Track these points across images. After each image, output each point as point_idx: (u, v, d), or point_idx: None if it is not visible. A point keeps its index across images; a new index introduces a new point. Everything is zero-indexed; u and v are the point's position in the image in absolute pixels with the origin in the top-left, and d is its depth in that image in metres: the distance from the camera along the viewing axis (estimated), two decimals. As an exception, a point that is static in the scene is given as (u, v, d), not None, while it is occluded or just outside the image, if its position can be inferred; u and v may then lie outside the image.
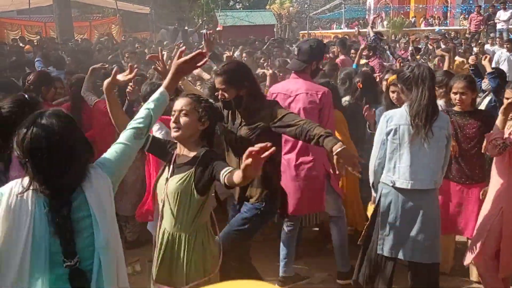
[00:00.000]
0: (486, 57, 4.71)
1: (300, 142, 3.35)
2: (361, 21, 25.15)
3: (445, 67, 5.39)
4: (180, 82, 2.92)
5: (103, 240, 1.70)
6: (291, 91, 3.44)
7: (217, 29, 18.92)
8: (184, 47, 2.40)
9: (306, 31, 21.77)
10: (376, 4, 26.75)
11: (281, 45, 10.82)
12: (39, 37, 13.38)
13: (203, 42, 4.73)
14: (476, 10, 15.81)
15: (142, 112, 2.03)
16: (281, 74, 5.39)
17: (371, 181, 3.19)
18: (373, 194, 3.27)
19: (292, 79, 3.59)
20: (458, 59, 8.59)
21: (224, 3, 26.82)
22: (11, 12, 17.88)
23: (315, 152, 3.42)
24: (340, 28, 23.44)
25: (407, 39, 14.08)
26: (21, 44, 11.86)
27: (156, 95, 2.09)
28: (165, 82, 2.16)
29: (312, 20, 28.03)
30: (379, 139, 3.10)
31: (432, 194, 3.06)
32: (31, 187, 1.65)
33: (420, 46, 13.92)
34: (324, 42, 14.66)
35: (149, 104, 2.06)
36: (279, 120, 2.76)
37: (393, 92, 3.78)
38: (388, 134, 3.03)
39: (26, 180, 1.67)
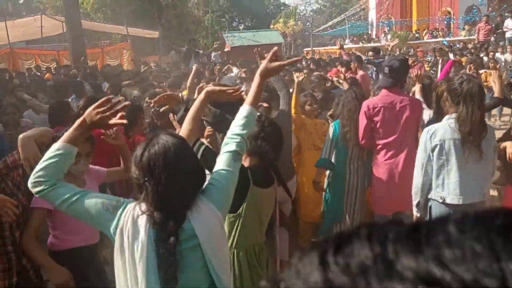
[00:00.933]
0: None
1: (405, 150, 3.76)
2: (365, 36, 25.42)
3: (497, 91, 4.00)
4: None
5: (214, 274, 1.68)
6: (394, 104, 3.81)
7: (225, 49, 19.20)
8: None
9: (310, 48, 22.03)
10: (378, 19, 27.09)
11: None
12: (55, 65, 13.57)
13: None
14: (484, 19, 15.96)
15: (234, 133, 1.90)
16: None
17: (415, 200, 3.13)
18: (415, 213, 3.20)
19: (385, 94, 3.88)
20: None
21: (228, 24, 27.24)
22: (20, 43, 18.19)
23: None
24: (345, 44, 23.69)
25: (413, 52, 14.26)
26: (37, 73, 12.08)
27: (243, 114, 1.95)
28: (250, 98, 2.00)
29: (316, 37, 28.36)
30: (423, 156, 3.04)
31: (482, 206, 3.06)
32: (147, 212, 1.64)
33: (428, 59, 14.10)
34: (331, 58, 14.94)
35: (239, 123, 1.92)
36: None
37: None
38: (433, 150, 2.99)
39: (143, 205, 1.67)
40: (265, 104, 3.61)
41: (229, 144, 1.89)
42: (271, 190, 2.48)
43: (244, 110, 1.97)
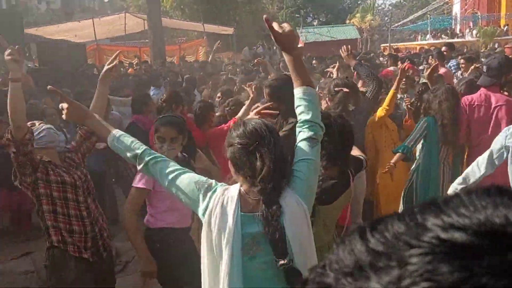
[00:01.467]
0: None
1: None
2: (448, 31, 24.01)
3: None
4: None
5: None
6: (490, 103, 3.78)
7: (299, 45, 19.04)
8: None
9: (387, 44, 21.19)
10: (463, 13, 25.47)
11: (370, 58, 10.57)
12: (137, 60, 14.29)
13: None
14: None
15: (301, 120, 1.80)
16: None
17: (460, 186, 2.96)
18: None
19: (483, 92, 3.86)
20: None
21: (302, 20, 26.98)
22: (105, 40, 19.31)
23: None
24: (425, 39, 22.52)
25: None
26: (121, 68, 12.79)
27: (300, 98, 1.81)
28: (299, 80, 1.83)
29: (394, 32, 27.26)
30: (495, 151, 2.90)
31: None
32: (242, 190, 1.69)
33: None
34: (411, 53, 14.23)
35: (301, 109, 1.80)
36: None
37: None
38: (508, 150, 2.87)
39: (234, 188, 1.71)
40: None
41: (301, 131, 1.81)
42: (338, 202, 2.38)
43: (298, 93, 1.82)
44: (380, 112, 4.16)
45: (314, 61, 11.12)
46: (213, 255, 1.66)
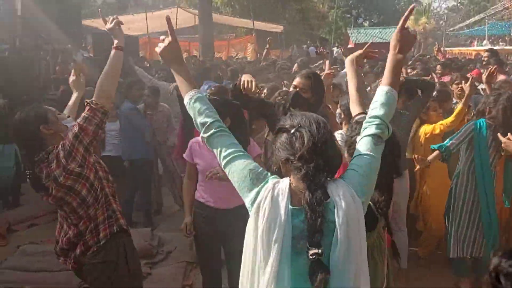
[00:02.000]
0: None
1: None
2: (506, 37, 22.88)
3: None
4: None
5: (340, 257, 1.53)
6: None
7: (348, 46, 18.71)
8: None
9: (441, 48, 20.41)
10: (525, 18, 24.20)
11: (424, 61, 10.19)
12: (186, 55, 14.53)
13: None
14: None
15: (371, 115, 1.75)
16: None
17: None
18: None
19: None
20: None
21: (353, 21, 26.50)
22: (156, 33, 19.72)
23: None
24: (482, 45, 21.55)
25: None
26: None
27: (380, 94, 1.80)
28: (389, 79, 1.85)
29: (449, 37, 26.27)
30: None
31: None
32: (292, 184, 1.61)
33: None
34: (466, 59, 13.63)
35: (377, 105, 1.77)
36: None
37: None
38: None
39: (285, 181, 1.62)
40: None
41: (368, 127, 1.74)
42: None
43: (380, 90, 1.83)
44: (443, 126, 4.02)
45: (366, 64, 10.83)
46: (257, 250, 1.58)
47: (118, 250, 2.48)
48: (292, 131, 1.63)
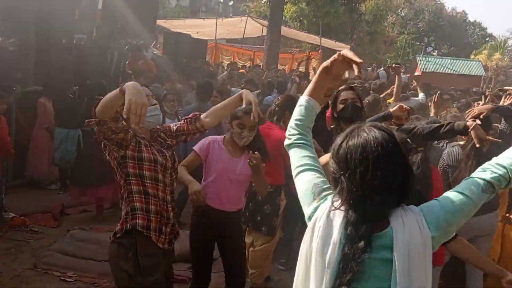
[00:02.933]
0: None
1: None
2: None
3: None
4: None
5: None
6: None
7: (415, 73, 18.13)
8: None
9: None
10: None
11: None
12: (250, 63, 14.62)
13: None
14: None
15: (498, 162, 1.52)
16: None
17: None
18: None
19: None
20: None
21: (423, 48, 25.73)
22: (222, 40, 20.07)
23: None
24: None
25: None
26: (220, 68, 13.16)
27: None
28: None
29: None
30: None
31: None
32: (341, 208, 1.45)
33: None
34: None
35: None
36: None
37: None
38: None
39: (337, 199, 1.48)
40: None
41: (486, 171, 1.51)
42: None
43: None
44: None
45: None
46: (309, 271, 1.47)
47: (118, 250, 2.41)
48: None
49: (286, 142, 1.72)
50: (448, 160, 3.68)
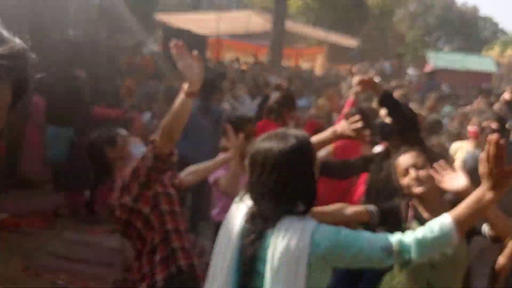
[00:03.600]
0: None
1: None
2: None
3: None
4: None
5: None
6: None
7: (426, 70, 17.57)
8: None
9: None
10: None
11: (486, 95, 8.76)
12: (253, 60, 14.20)
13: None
14: None
15: (415, 236, 1.52)
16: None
17: None
18: None
19: None
20: None
21: (432, 43, 25.18)
22: (224, 36, 19.59)
23: None
24: None
25: None
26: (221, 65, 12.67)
27: (437, 225, 1.53)
28: (457, 212, 1.58)
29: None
30: None
31: None
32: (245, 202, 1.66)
33: None
34: None
35: (432, 232, 1.51)
36: None
37: None
38: None
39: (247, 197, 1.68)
40: None
41: (391, 239, 1.52)
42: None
43: (441, 218, 1.55)
44: None
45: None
46: (219, 258, 1.65)
47: None
48: None
49: None
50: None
